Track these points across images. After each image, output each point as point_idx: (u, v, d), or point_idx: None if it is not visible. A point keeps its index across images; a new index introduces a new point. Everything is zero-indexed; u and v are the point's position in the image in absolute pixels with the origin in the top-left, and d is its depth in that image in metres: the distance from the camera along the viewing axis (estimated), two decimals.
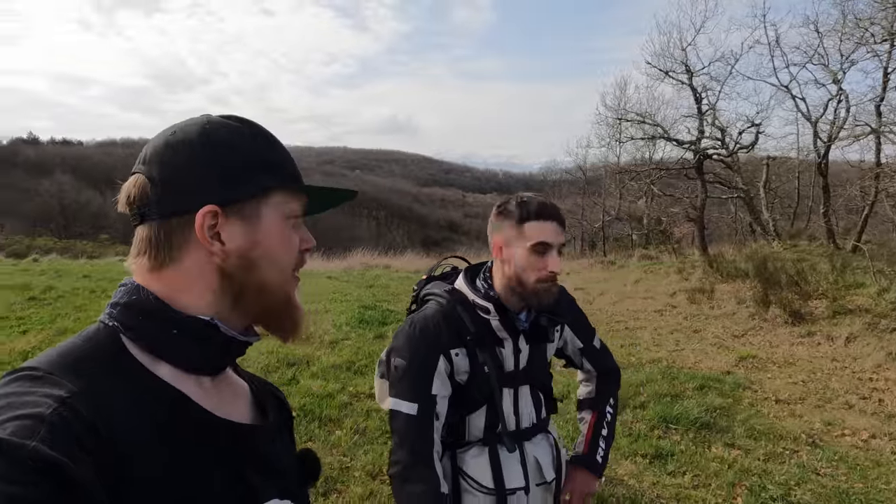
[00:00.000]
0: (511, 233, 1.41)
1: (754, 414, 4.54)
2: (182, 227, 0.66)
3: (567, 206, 27.10)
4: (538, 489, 1.49)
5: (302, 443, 3.77)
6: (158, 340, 0.64)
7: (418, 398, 1.37)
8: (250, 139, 0.71)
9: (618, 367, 1.76)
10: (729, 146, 14.55)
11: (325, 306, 8.04)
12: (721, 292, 9.23)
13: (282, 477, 0.72)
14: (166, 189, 0.66)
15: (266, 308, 0.71)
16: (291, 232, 0.73)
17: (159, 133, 0.70)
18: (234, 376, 0.78)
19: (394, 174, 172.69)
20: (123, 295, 0.66)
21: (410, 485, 1.33)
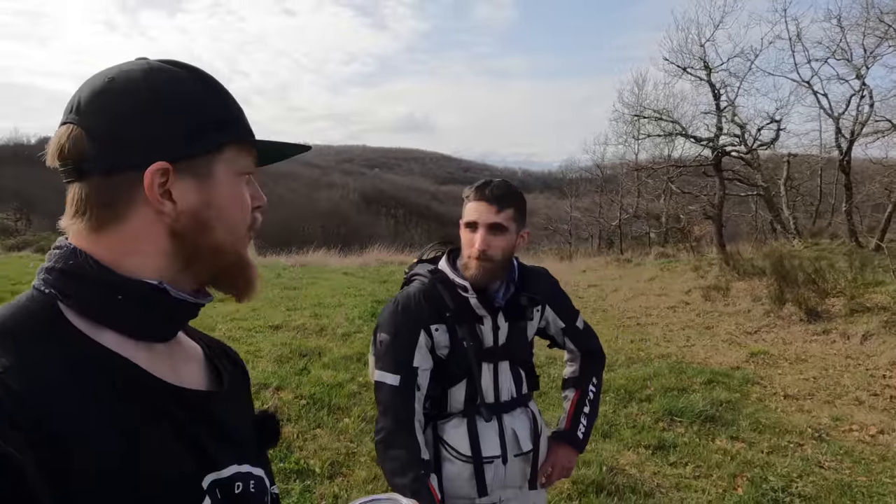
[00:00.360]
0: (462, 214, 1.55)
1: (761, 408, 4.54)
2: (127, 185, 0.60)
3: (584, 205, 27.02)
4: (516, 459, 1.57)
5: (311, 429, 3.88)
6: (102, 307, 0.59)
7: (401, 370, 1.46)
8: (201, 89, 0.65)
9: (601, 349, 1.82)
10: (748, 143, 14.38)
11: (339, 300, 8.16)
12: (737, 290, 9.16)
13: (239, 442, 0.69)
14: (108, 143, 0.60)
15: (219, 269, 0.68)
16: (244, 189, 0.69)
17: (92, 78, 0.63)
18: (187, 339, 0.74)
19: (412, 172, 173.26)
20: (59, 259, 0.61)
21: (393, 450, 1.42)
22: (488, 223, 1.48)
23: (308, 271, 11.89)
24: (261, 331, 6.24)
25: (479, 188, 1.52)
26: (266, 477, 0.73)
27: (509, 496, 1.59)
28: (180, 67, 0.66)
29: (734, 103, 14.35)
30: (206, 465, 0.63)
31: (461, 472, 1.52)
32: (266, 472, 0.74)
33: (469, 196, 1.54)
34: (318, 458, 3.45)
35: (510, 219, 1.50)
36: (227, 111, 0.67)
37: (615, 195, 23.06)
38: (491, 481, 1.53)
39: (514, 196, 1.52)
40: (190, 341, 0.74)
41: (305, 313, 7.13)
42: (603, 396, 4.68)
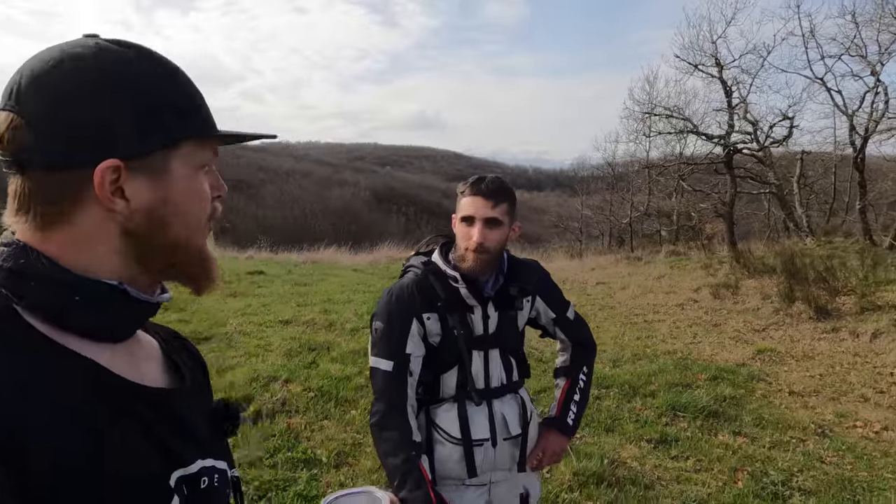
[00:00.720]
0: (457, 208, 1.61)
1: (765, 404, 4.56)
2: (74, 182, 0.56)
3: (595, 202, 26.88)
4: (505, 443, 1.63)
5: (318, 420, 3.97)
6: (59, 309, 0.56)
7: (394, 356, 1.54)
8: (158, 79, 0.60)
9: (592, 339, 1.88)
10: (760, 140, 14.27)
11: (349, 297, 8.26)
12: (746, 288, 9.13)
13: (202, 436, 0.69)
14: (51, 136, 0.55)
15: (176, 264, 0.65)
16: (203, 181, 0.65)
17: (34, 58, 0.58)
18: (144, 336, 0.72)
19: (423, 170, 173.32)
20: (9, 257, 0.57)
21: (387, 431, 1.49)
22: (485, 217, 1.55)
23: (318, 268, 12.02)
24: (271, 325, 6.35)
25: (475, 184, 1.59)
26: (228, 468, 0.73)
27: (499, 478, 1.65)
28: (134, 51, 0.60)
29: (746, 100, 14.26)
30: (173, 462, 0.62)
31: (452, 454, 1.59)
32: (228, 463, 0.74)
33: (464, 191, 1.60)
34: (324, 448, 3.53)
35: (504, 213, 1.58)
36: (186, 100, 0.63)
37: (626, 193, 22.95)
38: (480, 463, 1.60)
39: (507, 191, 1.60)
40: (147, 337, 0.72)
41: (315, 309, 7.23)
42: (607, 391, 4.74)
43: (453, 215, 1.64)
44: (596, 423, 4.11)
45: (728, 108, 14.34)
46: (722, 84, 14.27)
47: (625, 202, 22.85)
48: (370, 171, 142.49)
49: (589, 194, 28.37)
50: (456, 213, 1.63)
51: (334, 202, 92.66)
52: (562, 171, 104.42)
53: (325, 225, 68.68)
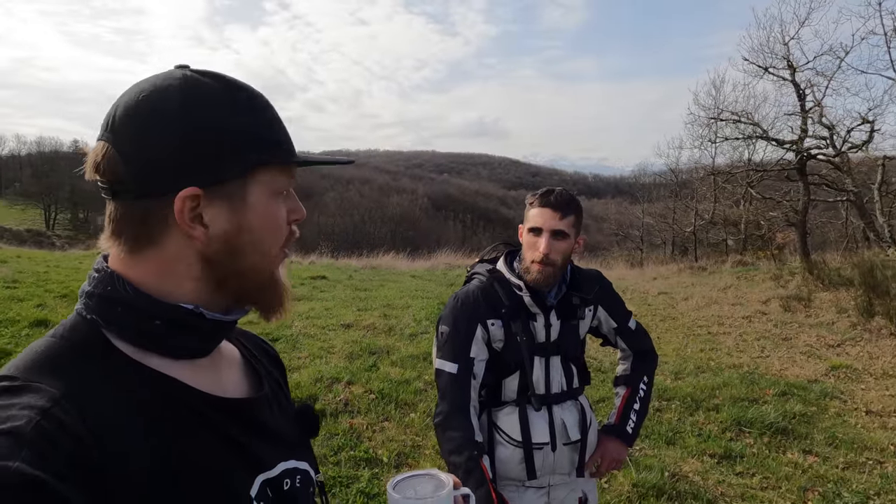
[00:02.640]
0: (524, 220, 1.67)
1: (839, 423, 4.34)
2: (160, 210, 0.60)
3: (657, 210, 26.17)
4: (565, 448, 1.67)
5: (379, 422, 4.10)
6: (142, 333, 0.61)
7: (458, 359, 1.62)
8: (238, 108, 0.63)
9: (654, 350, 1.90)
10: (837, 145, 13.51)
11: (407, 302, 8.41)
12: (820, 301, 8.69)
13: (283, 440, 0.72)
14: (139, 167, 0.59)
15: (251, 290, 0.68)
16: (281, 207, 0.68)
17: (128, 91, 0.62)
18: (226, 345, 0.75)
19: (481, 177, 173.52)
20: (98, 284, 0.62)
21: (450, 431, 1.56)
22: (552, 229, 1.60)
23: (378, 273, 12.29)
24: (333, 329, 6.57)
25: (544, 195, 1.64)
26: (311, 468, 0.76)
27: (557, 482, 1.69)
28: (217, 82, 0.63)
29: (821, 104, 13.53)
30: (256, 467, 0.65)
31: (512, 456, 1.64)
32: (310, 463, 0.76)
33: (533, 202, 1.66)
34: (385, 449, 3.65)
35: (571, 225, 1.62)
36: (264, 129, 0.65)
37: (690, 200, 22.20)
38: (540, 466, 1.64)
39: (575, 204, 1.65)
40: (229, 347, 0.76)
41: (375, 313, 7.42)
42: (668, 404, 4.65)
43: (520, 225, 1.70)
44: (656, 436, 4.04)
45: (801, 111, 13.67)
46: (795, 87, 13.62)
47: (689, 210, 22.11)
48: (428, 178, 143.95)
49: (650, 202, 27.68)
50: (523, 223, 1.68)
51: (393, 209, 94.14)
52: (622, 177, 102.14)
53: (383, 231, 69.87)
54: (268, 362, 0.82)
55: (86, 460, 0.50)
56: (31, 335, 5.44)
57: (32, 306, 6.62)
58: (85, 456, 0.50)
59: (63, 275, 9.18)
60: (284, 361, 0.91)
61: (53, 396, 0.52)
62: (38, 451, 0.47)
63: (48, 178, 64.79)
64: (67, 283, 8.22)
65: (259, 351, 0.83)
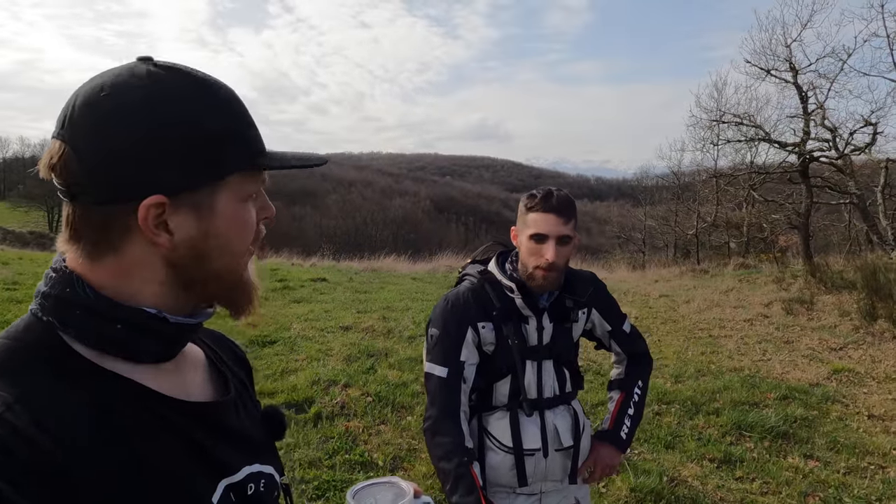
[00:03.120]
0: (521, 222, 1.61)
1: (841, 427, 4.29)
2: (122, 216, 0.57)
3: (660, 213, 26.10)
4: (557, 454, 1.64)
5: (375, 425, 4.06)
6: (102, 337, 0.58)
7: (448, 363, 1.58)
8: (204, 108, 0.59)
9: (648, 353, 1.85)
10: (840, 148, 13.45)
11: (407, 305, 8.38)
12: (823, 304, 8.63)
13: (249, 443, 0.71)
14: (101, 171, 0.56)
15: (217, 291, 0.66)
16: (250, 211, 0.65)
17: (86, 84, 0.58)
18: (191, 347, 0.73)
19: (483, 180, 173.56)
20: (55, 285, 0.59)
21: (439, 437, 1.53)
22: (559, 235, 1.54)
23: (378, 276, 12.26)
24: (332, 331, 6.54)
25: (546, 199, 1.55)
26: (276, 471, 0.74)
27: (550, 488, 1.66)
28: (185, 78, 0.60)
29: (824, 106, 13.47)
30: (220, 471, 0.64)
31: (503, 462, 1.61)
32: (275, 467, 0.75)
33: (533, 206, 1.56)
34: (381, 452, 3.61)
35: (573, 228, 1.57)
36: (235, 132, 0.62)
37: (692, 203, 22.15)
38: (531, 473, 1.61)
39: (574, 205, 1.59)
40: (194, 349, 0.74)
41: (374, 316, 7.39)
42: (668, 407, 4.61)
43: (513, 228, 1.65)
44: (655, 440, 4.00)
45: (804, 114, 13.61)
46: (797, 89, 13.57)
47: (691, 213, 22.06)
48: (430, 180, 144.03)
49: (653, 204, 27.61)
50: (519, 226, 1.61)
51: (394, 211, 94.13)
52: (624, 180, 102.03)
53: (385, 234, 69.86)
54: (234, 363, 0.81)
55: (42, 466, 0.48)
56: None
57: None
58: (41, 461, 0.49)
59: None
60: (282, 364, 0.89)
61: (5, 401, 0.50)
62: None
63: (51, 181, 64.84)
64: None
65: (226, 352, 0.81)
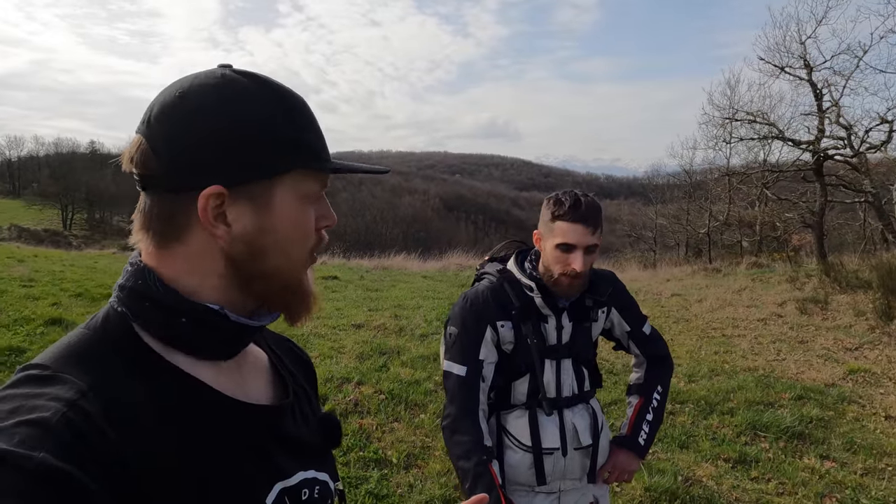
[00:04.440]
0: (546, 228, 1.59)
1: (857, 428, 4.25)
2: (186, 205, 0.60)
3: (671, 211, 25.93)
4: (576, 453, 1.64)
5: (389, 423, 4.08)
6: (168, 329, 0.61)
7: (467, 362, 1.58)
8: (271, 109, 0.63)
9: (669, 357, 1.83)
10: (855, 146, 13.30)
11: (418, 303, 8.40)
12: (838, 303, 8.55)
13: (305, 449, 0.72)
14: (171, 162, 0.60)
15: (276, 293, 0.67)
16: (308, 212, 0.67)
17: (167, 89, 0.63)
18: (253, 348, 0.75)
19: (493, 178, 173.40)
20: (130, 277, 0.63)
21: (458, 435, 1.53)
22: (587, 245, 1.52)
23: (389, 274, 12.29)
24: (344, 329, 6.57)
25: (574, 208, 1.52)
26: (330, 479, 0.75)
27: (568, 487, 1.66)
28: (255, 82, 0.64)
29: (839, 103, 13.32)
30: (274, 475, 0.65)
31: (522, 461, 1.61)
32: (330, 473, 0.76)
33: (561, 215, 1.53)
34: (394, 450, 3.63)
35: (600, 235, 1.56)
36: (297, 134, 0.64)
37: (704, 202, 21.98)
38: (550, 471, 1.61)
39: (601, 211, 1.56)
40: (256, 350, 0.76)
41: (386, 314, 7.41)
42: (681, 407, 4.59)
43: (535, 231, 1.63)
44: (669, 439, 3.99)
45: (818, 111, 13.47)
46: (811, 87, 13.43)
47: (703, 211, 21.89)
48: (440, 179, 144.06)
49: (664, 203, 27.42)
50: (544, 231, 1.58)
51: (404, 209, 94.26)
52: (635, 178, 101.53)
53: (395, 232, 69.99)
54: (297, 369, 0.82)
55: (109, 454, 0.51)
56: (46, 333, 5.49)
57: (48, 305, 6.68)
58: (108, 450, 0.51)
59: (78, 274, 9.29)
60: None
61: (81, 389, 0.53)
62: (63, 442, 0.48)
63: (65, 179, 65.72)
64: (82, 282, 8.31)
65: (291, 356, 0.83)
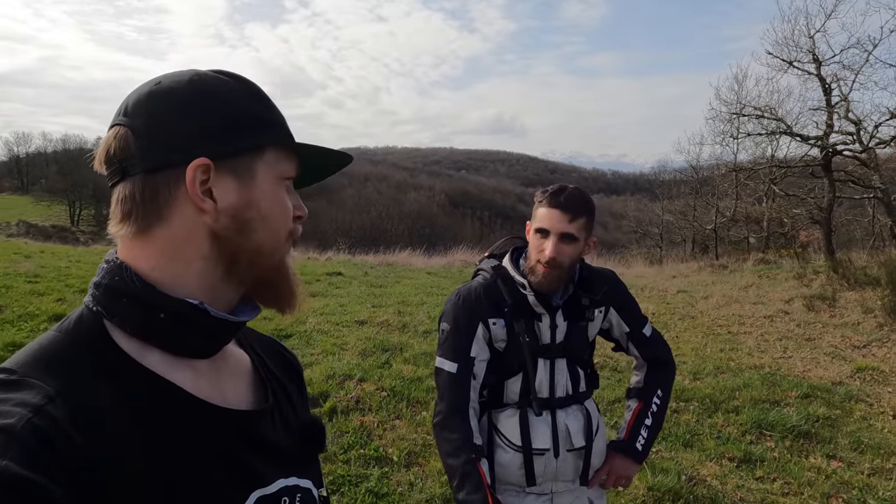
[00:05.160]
0: (533, 217, 1.58)
1: (864, 427, 4.20)
2: (170, 183, 0.60)
3: (677, 207, 25.78)
4: (569, 454, 1.60)
5: (390, 420, 4.06)
6: (145, 325, 0.60)
7: (458, 359, 1.56)
8: (244, 94, 0.66)
9: (671, 360, 1.78)
10: (864, 141, 13.15)
11: (422, 299, 8.38)
12: (845, 300, 8.46)
13: (285, 456, 0.70)
14: (152, 140, 0.60)
15: (260, 275, 0.67)
16: (285, 194, 0.68)
17: (141, 84, 0.65)
18: (235, 350, 0.74)
19: (498, 174, 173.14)
20: (106, 274, 0.62)
21: (447, 432, 1.51)
22: (560, 232, 1.51)
23: (393, 270, 12.27)
24: (347, 325, 6.55)
25: (554, 195, 1.54)
26: (313, 486, 0.73)
27: (561, 489, 1.63)
28: (226, 75, 0.67)
29: (848, 98, 13.15)
30: (252, 482, 0.63)
31: (513, 461, 1.58)
32: (314, 480, 0.74)
33: (542, 201, 1.55)
34: (395, 448, 3.61)
35: (581, 228, 1.53)
36: (270, 114, 0.68)
37: (711, 197, 21.84)
38: (541, 473, 1.58)
39: (586, 205, 1.54)
40: (238, 352, 0.74)
41: (389, 310, 7.39)
42: (686, 405, 4.55)
43: (528, 222, 1.62)
44: (673, 437, 3.95)
45: (827, 106, 13.31)
46: (820, 81, 13.28)
47: (709, 207, 21.75)
48: (446, 175, 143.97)
49: (670, 199, 27.27)
50: (531, 221, 1.60)
51: (410, 205, 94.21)
52: (642, 174, 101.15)
53: (400, 228, 69.94)
54: (283, 372, 0.80)
55: (76, 460, 0.49)
56: (49, 330, 5.50)
57: (52, 301, 6.71)
58: (75, 456, 0.50)
59: (84, 270, 9.32)
60: (298, 358, 0.87)
61: (48, 394, 0.52)
62: (28, 449, 0.47)
63: (73, 176, 66.06)
64: (87, 278, 8.33)
65: (277, 359, 0.81)
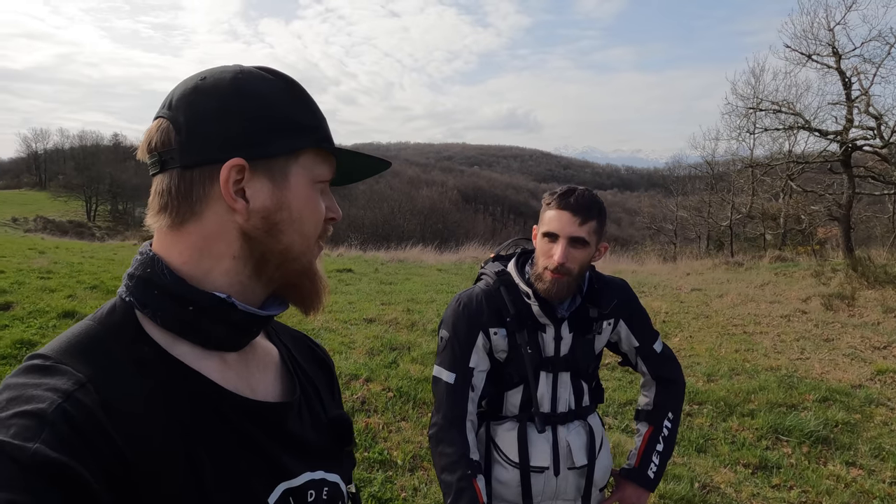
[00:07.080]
0: (540, 220, 1.49)
1: (886, 433, 4.06)
2: (205, 180, 0.62)
3: (692, 203, 25.46)
4: (570, 473, 1.52)
5: (396, 422, 3.99)
6: (175, 318, 0.61)
7: (457, 369, 1.48)
8: (285, 94, 0.66)
9: (681, 378, 1.68)
10: (885, 136, 12.84)
11: (432, 296, 8.32)
12: (865, 299, 8.28)
13: (312, 449, 0.70)
14: (191, 137, 0.61)
15: (288, 276, 0.68)
16: (318, 197, 0.69)
17: (188, 78, 0.66)
18: (265, 343, 0.75)
19: (511, 170, 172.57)
20: (139, 266, 0.63)
21: (443, 446, 1.44)
22: (570, 236, 1.42)
23: (404, 267, 12.22)
24: (356, 323, 6.50)
25: (563, 196, 1.45)
26: (341, 481, 0.73)
27: None
28: (271, 74, 0.67)
29: (868, 92, 12.87)
30: (278, 474, 0.64)
31: (512, 478, 1.51)
32: (342, 475, 0.74)
33: (551, 203, 1.47)
34: (400, 451, 3.54)
35: (592, 232, 1.44)
36: (309, 117, 0.67)
37: (726, 193, 21.52)
38: (539, 491, 1.50)
39: (597, 207, 1.45)
40: (267, 345, 0.75)
41: (399, 308, 7.34)
42: (700, 408, 4.44)
43: (534, 226, 1.53)
44: (686, 443, 3.84)
45: (847, 101, 13.03)
46: (840, 75, 12.99)
47: (725, 203, 21.43)
48: (458, 170, 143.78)
49: (685, 195, 26.98)
50: (538, 225, 1.50)
51: (422, 201, 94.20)
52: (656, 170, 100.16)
53: (412, 224, 69.87)
54: (313, 367, 0.81)
55: (105, 446, 0.51)
56: (59, 326, 5.50)
57: (63, 297, 6.72)
58: (104, 442, 0.51)
59: (96, 266, 9.36)
60: None
61: (79, 380, 0.53)
62: (58, 433, 0.48)
63: (89, 171, 66.91)
64: (99, 274, 8.36)
65: (307, 354, 0.82)
